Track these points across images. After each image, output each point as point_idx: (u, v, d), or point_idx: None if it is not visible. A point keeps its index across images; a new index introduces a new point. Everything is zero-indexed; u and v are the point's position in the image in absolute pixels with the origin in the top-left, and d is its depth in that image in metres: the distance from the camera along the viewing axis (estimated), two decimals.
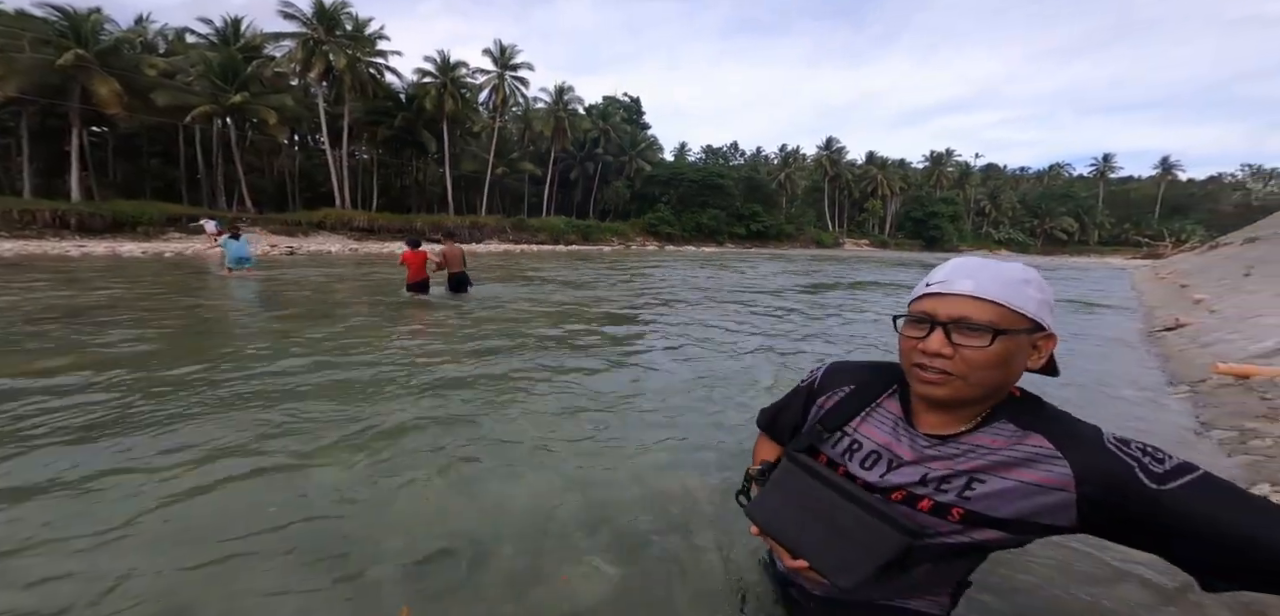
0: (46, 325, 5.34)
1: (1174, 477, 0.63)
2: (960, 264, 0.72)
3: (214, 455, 2.46)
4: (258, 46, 28.28)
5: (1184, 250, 31.46)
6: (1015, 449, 0.70)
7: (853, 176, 62.29)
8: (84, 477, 2.22)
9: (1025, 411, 0.73)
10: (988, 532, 0.71)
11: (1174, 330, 6.49)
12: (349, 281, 10.54)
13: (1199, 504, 0.60)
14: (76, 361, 3.94)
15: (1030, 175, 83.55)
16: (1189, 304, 8.72)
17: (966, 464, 0.72)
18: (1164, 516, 0.61)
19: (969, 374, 0.68)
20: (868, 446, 0.80)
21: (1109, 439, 0.68)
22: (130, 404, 3.09)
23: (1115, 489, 0.64)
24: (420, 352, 4.56)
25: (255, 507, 2.03)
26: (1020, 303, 0.68)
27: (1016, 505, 0.68)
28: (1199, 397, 3.68)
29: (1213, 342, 5.25)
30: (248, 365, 3.98)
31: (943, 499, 0.72)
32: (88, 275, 10.76)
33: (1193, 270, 15.14)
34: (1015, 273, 0.70)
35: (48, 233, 19.76)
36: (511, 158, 39.05)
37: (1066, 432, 0.69)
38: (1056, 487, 0.67)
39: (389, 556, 1.73)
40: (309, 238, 25.58)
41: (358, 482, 2.24)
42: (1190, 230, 54.92)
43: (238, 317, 6.35)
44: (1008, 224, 68.87)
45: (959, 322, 0.68)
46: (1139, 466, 0.64)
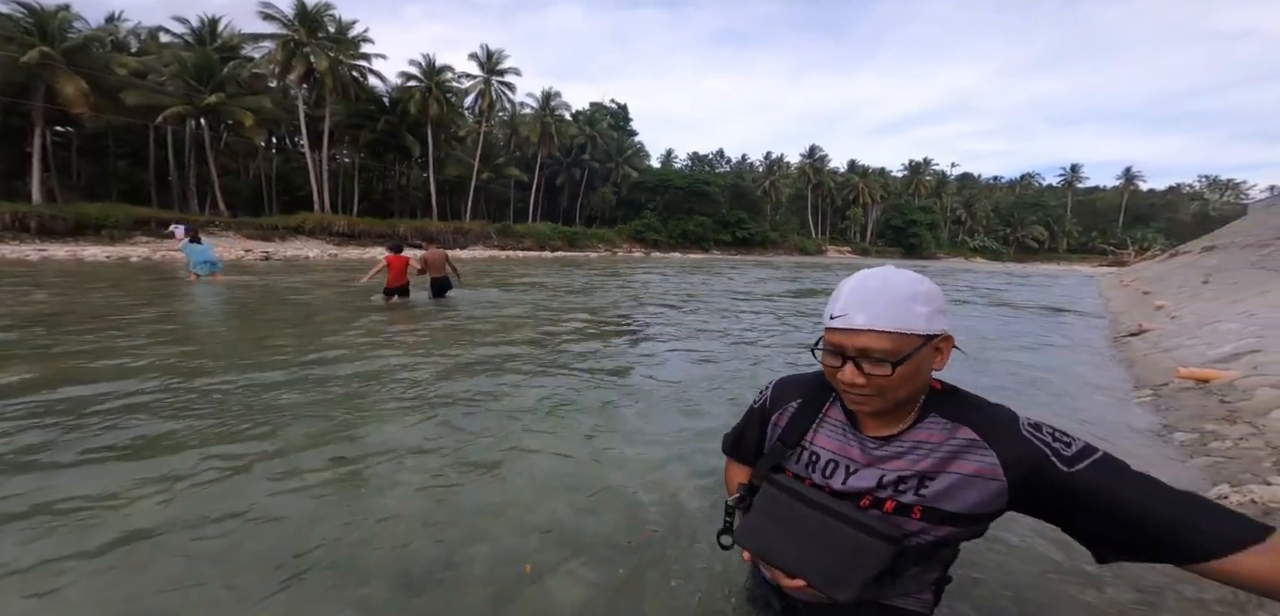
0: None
1: (1080, 460, 0.70)
2: (854, 294, 0.76)
3: (182, 466, 2.38)
4: (235, 47, 27.60)
5: (1146, 258, 32.91)
6: (951, 442, 0.76)
7: (835, 184, 63.58)
8: (42, 501, 2.12)
9: (950, 403, 0.80)
10: (948, 528, 0.77)
11: (1138, 335, 6.78)
12: (326, 287, 10.29)
13: (1102, 483, 0.67)
14: (37, 374, 3.76)
15: (1003, 184, 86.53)
16: (1151, 310, 9.12)
17: (914, 463, 0.78)
18: (1073, 495, 0.69)
19: (883, 392, 0.75)
20: (825, 456, 0.85)
21: (1024, 426, 0.75)
22: (82, 423, 2.96)
23: (1033, 472, 0.71)
24: (402, 359, 4.48)
25: (230, 520, 1.96)
26: (911, 324, 0.73)
27: (964, 498, 0.75)
28: (1162, 401, 3.85)
29: (1174, 347, 5.50)
30: (216, 374, 3.85)
31: (903, 500, 0.78)
32: (50, 280, 10.28)
33: (1155, 277, 15.84)
34: (903, 292, 0.74)
35: (6, 236, 18.85)
36: (497, 163, 38.79)
37: (989, 422, 0.77)
38: (990, 477, 0.74)
39: (370, 565, 1.70)
40: (286, 242, 24.93)
41: (338, 491, 2.19)
42: (1152, 238, 57.53)
43: (202, 325, 6.15)
44: (982, 232, 71.13)
45: (864, 354, 0.74)
46: (1050, 450, 0.71)
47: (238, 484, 2.28)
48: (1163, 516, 0.64)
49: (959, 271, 31.29)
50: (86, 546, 1.80)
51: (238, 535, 1.90)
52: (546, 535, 1.93)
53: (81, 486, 2.21)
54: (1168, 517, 0.63)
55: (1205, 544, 0.61)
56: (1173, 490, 0.66)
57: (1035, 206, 72.79)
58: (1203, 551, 0.61)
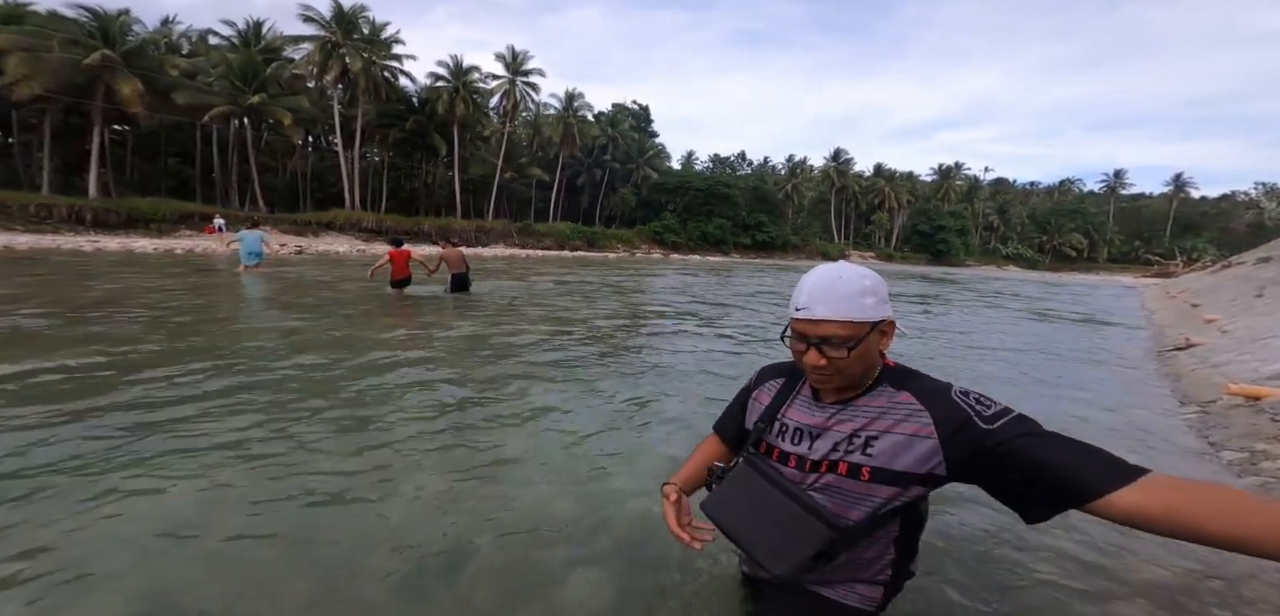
0: (53, 318, 5.45)
1: (998, 419, 0.79)
2: (814, 288, 0.87)
3: (206, 451, 2.51)
4: (277, 48, 28.81)
5: (1195, 269, 31.07)
6: (894, 407, 0.88)
7: (860, 188, 62.07)
8: (70, 466, 2.27)
9: (898, 377, 0.92)
10: (892, 488, 0.86)
11: (1184, 350, 6.42)
12: (353, 281, 10.67)
13: (1014, 438, 0.75)
14: (77, 356, 4.02)
15: (1040, 190, 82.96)
16: (1200, 324, 8.62)
17: (861, 421, 0.89)
18: (992, 452, 0.77)
19: (842, 370, 0.87)
20: (793, 426, 0.96)
21: (955, 391, 0.85)
22: (128, 399, 3.15)
23: (960, 430, 0.80)
24: (421, 354, 4.61)
25: (249, 505, 2.05)
26: (861, 314, 0.85)
27: (905, 457, 0.84)
28: (1209, 418, 3.65)
29: (1224, 363, 5.20)
30: (248, 362, 4.04)
31: (853, 459, 0.88)
32: (105, 269, 10.96)
33: (1204, 290, 14.96)
34: (853, 287, 0.86)
35: (63, 228, 20.13)
36: (520, 163, 39.36)
37: (926, 389, 0.88)
38: (926, 436, 0.83)
39: (383, 559, 1.74)
40: (318, 237, 25.88)
41: (353, 483, 2.26)
42: (1202, 249, 54.20)
43: (244, 315, 6.45)
44: (1016, 239, 68.29)
45: (825, 340, 0.86)
46: (973, 412, 0.81)
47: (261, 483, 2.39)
48: (1060, 464, 0.71)
49: (985, 279, 30.16)
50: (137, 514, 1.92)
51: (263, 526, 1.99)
52: (557, 532, 1.96)
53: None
54: (1064, 464, 0.71)
55: (1092, 485, 0.69)
56: (1074, 442, 0.74)
57: (1074, 213, 69.43)
58: (1089, 492, 0.69)
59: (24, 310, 5.72)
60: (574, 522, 1.99)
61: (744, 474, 0.95)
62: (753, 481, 0.93)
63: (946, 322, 9.17)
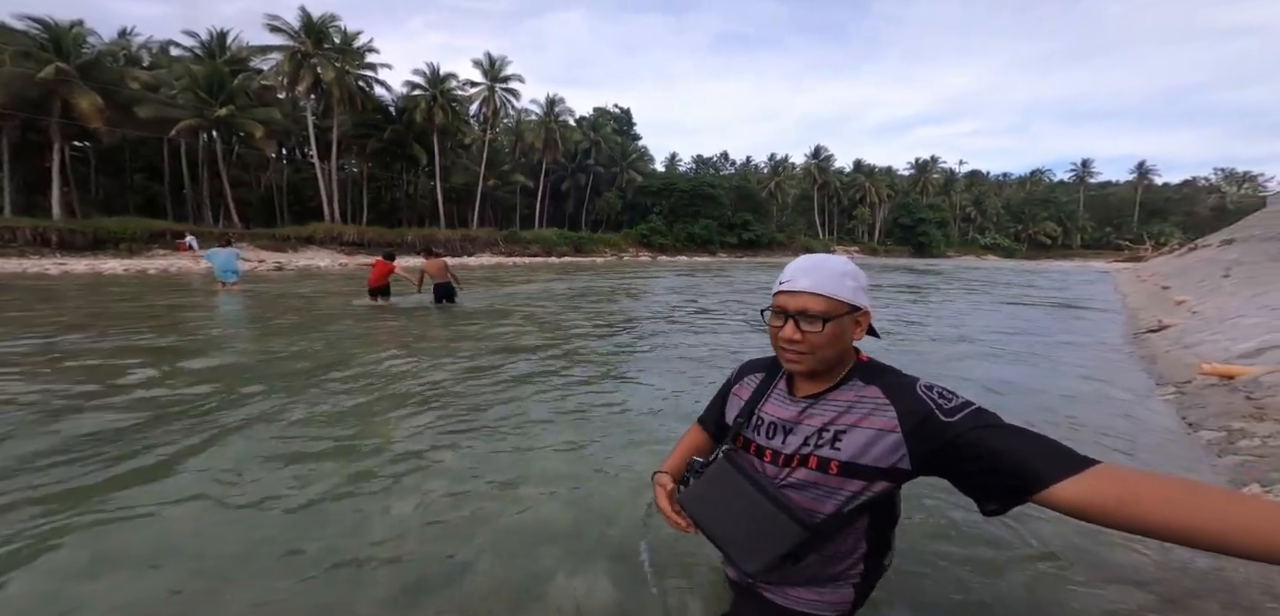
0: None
1: (958, 412, 0.80)
2: (800, 265, 0.91)
3: (197, 466, 2.39)
4: (244, 60, 28.10)
5: (1163, 253, 32.25)
6: (862, 401, 0.88)
7: (841, 184, 63.12)
8: (66, 499, 2.14)
9: (868, 372, 0.92)
10: (860, 482, 0.86)
11: (1157, 332, 6.62)
12: (336, 296, 10.40)
13: (971, 431, 0.76)
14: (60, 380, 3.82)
15: (1013, 181, 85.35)
16: (1171, 306, 8.91)
17: (831, 415, 0.90)
18: (952, 444, 0.77)
19: (815, 350, 0.88)
20: (768, 420, 0.97)
21: (920, 386, 0.86)
22: (116, 425, 2.99)
23: (922, 424, 0.81)
24: (411, 366, 4.49)
25: (241, 522, 1.96)
26: (840, 293, 0.87)
27: (873, 451, 0.85)
28: (1186, 398, 3.74)
29: (1196, 343, 5.35)
30: (233, 379, 3.88)
31: (822, 453, 0.88)
32: (72, 294, 10.50)
33: (1173, 272, 15.50)
34: (837, 268, 0.89)
35: (28, 251, 19.29)
36: (503, 170, 39.05)
37: (893, 383, 0.88)
38: (890, 430, 0.84)
39: (378, 570, 1.69)
40: (298, 253, 25.26)
41: (348, 495, 2.18)
42: (1169, 233, 56.30)
43: (224, 334, 6.23)
44: (993, 229, 70.17)
45: (802, 313, 0.87)
46: (934, 406, 0.81)
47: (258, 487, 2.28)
48: (1011, 453, 0.72)
49: (968, 269, 30.89)
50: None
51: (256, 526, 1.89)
52: (554, 537, 1.90)
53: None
54: (1015, 454, 0.72)
55: (1039, 474, 0.69)
56: (1027, 433, 0.75)
57: (1047, 202, 71.69)
58: (1038, 481, 0.69)
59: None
60: (570, 527, 1.95)
61: (720, 469, 0.95)
62: (728, 477, 0.93)
63: (931, 311, 9.32)
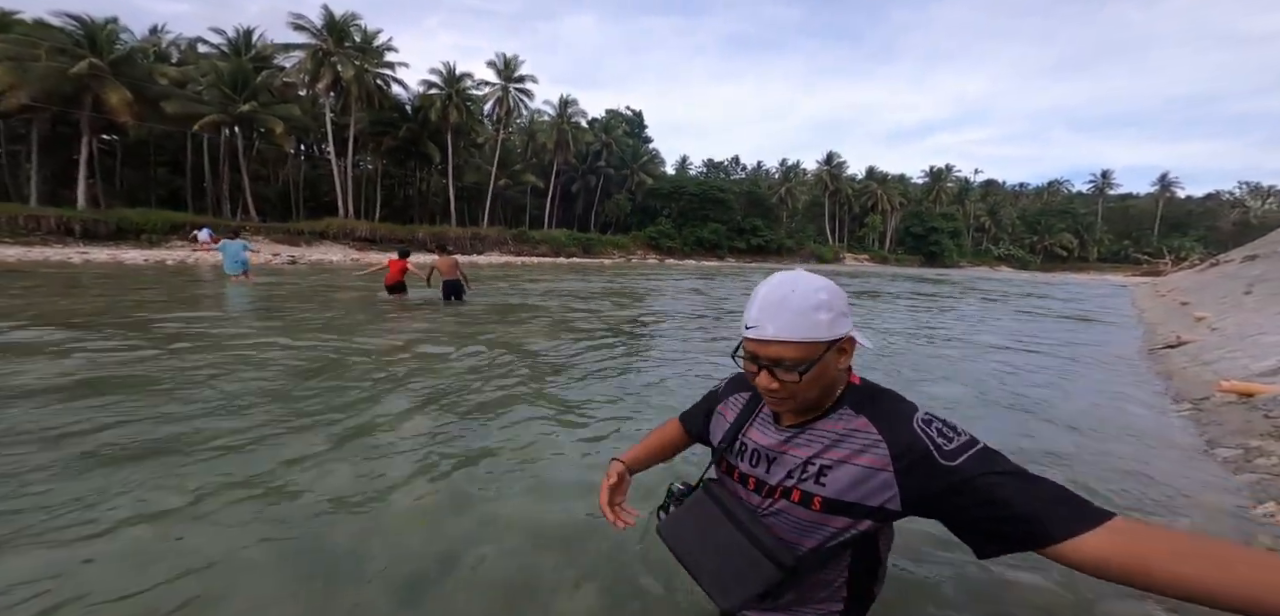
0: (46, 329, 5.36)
1: (961, 453, 0.72)
2: (765, 302, 0.80)
3: (199, 463, 2.46)
4: (268, 57, 28.67)
5: (1183, 268, 31.51)
6: (851, 434, 0.81)
7: (853, 191, 62.55)
8: (67, 498, 2.22)
9: (859, 398, 0.84)
10: (844, 519, 0.80)
11: (1176, 348, 6.49)
12: (347, 290, 10.57)
13: (978, 475, 0.70)
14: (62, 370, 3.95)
15: (1029, 191, 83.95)
16: (1190, 321, 8.73)
17: (817, 448, 0.83)
18: (956, 488, 0.71)
19: (795, 394, 0.80)
20: (752, 447, 0.90)
21: (918, 420, 0.78)
22: (122, 414, 3.09)
23: (918, 464, 0.74)
24: (416, 366, 4.56)
25: (247, 517, 2.02)
26: (814, 332, 0.77)
27: (860, 490, 0.78)
28: (1203, 415, 3.68)
29: (1215, 360, 5.25)
30: (237, 374, 3.98)
31: (806, 488, 0.82)
32: (91, 281, 10.80)
33: (1193, 288, 15.16)
34: (807, 302, 0.78)
35: (52, 239, 19.86)
36: (514, 169, 39.34)
37: (886, 415, 0.80)
38: (880, 468, 0.77)
39: (378, 569, 1.72)
40: (311, 247, 25.70)
41: (350, 494, 2.23)
42: (1189, 247, 55.04)
43: (231, 327, 6.37)
44: (1007, 240, 69.03)
45: (776, 362, 0.79)
46: (934, 446, 0.74)
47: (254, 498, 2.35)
48: (1025, 504, 0.67)
49: (981, 280, 30.44)
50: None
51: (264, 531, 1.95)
52: (551, 542, 1.93)
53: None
54: (1029, 505, 0.66)
55: (1053, 529, 0.64)
56: (1039, 481, 0.69)
57: (1064, 214, 70.37)
58: (1050, 536, 0.64)
59: (8, 323, 5.61)
60: (568, 531, 1.97)
61: (700, 502, 0.92)
62: (708, 510, 0.89)
63: (942, 322, 9.22)
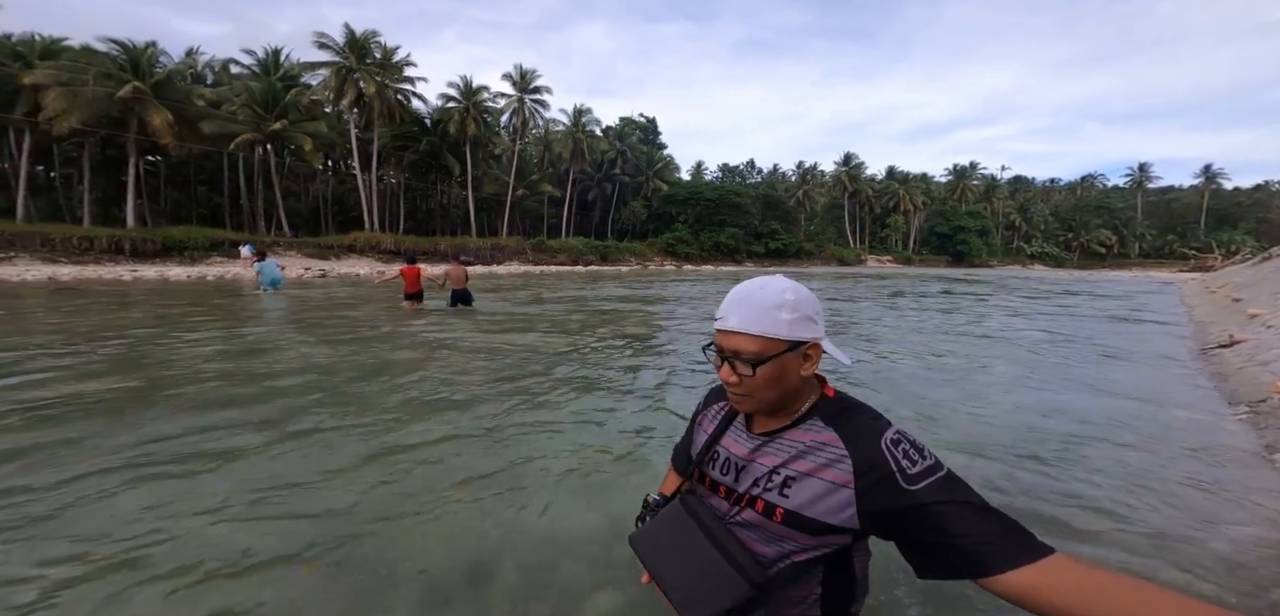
0: (104, 338, 5.65)
1: (924, 477, 0.71)
2: (733, 298, 0.81)
3: (232, 471, 2.54)
4: (295, 76, 29.88)
5: (1234, 262, 29.69)
6: (819, 446, 0.79)
7: (873, 192, 61.22)
8: (85, 499, 2.31)
9: (831, 411, 0.82)
10: (806, 536, 0.78)
11: (1229, 347, 6.09)
12: (371, 302, 10.86)
13: (935, 503, 0.70)
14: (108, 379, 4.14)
15: (1061, 187, 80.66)
16: (1243, 319, 8.19)
17: (783, 457, 0.81)
18: (911, 512, 0.71)
19: (753, 393, 0.80)
20: (724, 454, 0.90)
21: (887, 439, 0.75)
22: (153, 419, 3.22)
23: (879, 484, 0.73)
24: (440, 375, 4.63)
25: (274, 521, 2.07)
26: (774, 329, 0.77)
27: (821, 505, 0.76)
28: (1261, 418, 3.42)
29: (1272, 360, 4.90)
30: (269, 384, 4.11)
31: (769, 498, 0.81)
32: (141, 297, 11.39)
33: (1245, 283, 14.25)
34: (771, 300, 0.78)
35: (104, 258, 21.06)
36: (531, 179, 39.93)
37: (855, 431, 0.78)
38: (843, 484, 0.75)
39: (410, 576, 1.74)
40: (340, 260, 26.55)
41: (375, 500, 2.26)
42: (1239, 241, 51.84)
43: (266, 338, 6.61)
44: (1040, 237, 66.35)
45: (736, 354, 0.79)
46: (897, 467, 0.73)
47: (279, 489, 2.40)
48: (972, 537, 0.67)
49: (1013, 279, 29.30)
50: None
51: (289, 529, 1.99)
52: (577, 549, 1.91)
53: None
54: (975, 539, 0.67)
55: (993, 562, 0.65)
56: (988, 514, 0.69)
57: (1100, 209, 67.25)
58: (990, 569, 0.65)
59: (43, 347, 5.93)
60: (592, 539, 1.96)
61: (674, 512, 0.89)
62: (681, 521, 0.87)
63: (984, 325, 8.89)
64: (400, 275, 8.99)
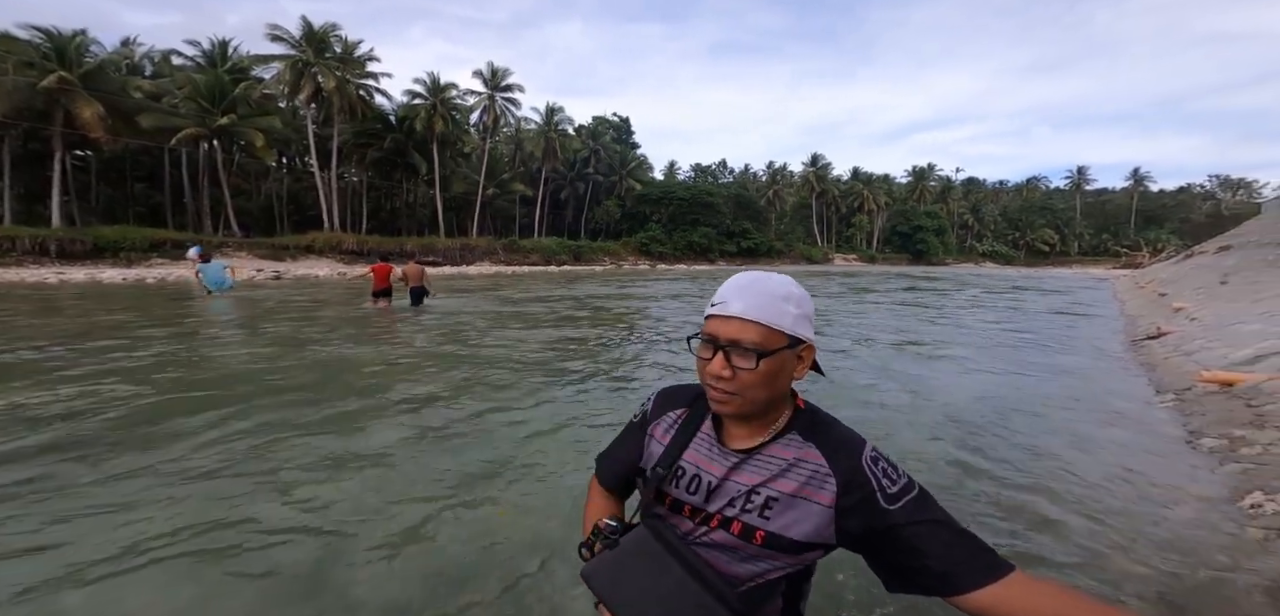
0: (43, 348, 5.16)
1: (901, 497, 0.72)
2: (736, 284, 0.77)
3: (185, 481, 2.37)
4: (246, 68, 28.18)
5: (1160, 259, 32.40)
6: (802, 463, 0.76)
7: (839, 192, 63.38)
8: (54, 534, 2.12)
9: (808, 424, 0.79)
10: (787, 557, 0.76)
11: (1156, 338, 6.63)
12: (332, 305, 10.39)
13: (910, 522, 0.70)
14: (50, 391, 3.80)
15: (1010, 188, 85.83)
16: (1169, 312, 8.93)
17: (764, 476, 0.77)
18: (888, 531, 0.71)
19: (743, 391, 0.74)
20: (690, 471, 0.82)
21: (867, 456, 0.75)
22: (99, 433, 2.97)
23: (860, 504, 0.72)
24: (407, 380, 4.48)
25: (235, 536, 1.95)
26: (779, 321, 0.73)
27: (804, 526, 0.74)
28: (1186, 406, 3.74)
29: (1195, 350, 5.36)
30: (222, 391, 3.86)
31: (749, 520, 0.76)
32: (68, 302, 10.47)
33: (1171, 279, 15.55)
34: (777, 290, 0.75)
35: (27, 260, 19.28)
36: (502, 178, 39.17)
37: (837, 446, 0.76)
38: (826, 504, 0.74)
39: (371, 582, 1.68)
40: (296, 262, 25.27)
41: (345, 507, 2.17)
42: (1165, 239, 56.55)
43: (215, 344, 6.21)
44: (991, 237, 70.42)
45: (735, 343, 0.73)
46: (878, 486, 0.72)
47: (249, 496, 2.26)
48: (940, 558, 0.68)
49: (968, 277, 30.97)
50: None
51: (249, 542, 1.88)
52: (552, 552, 1.89)
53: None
54: (943, 559, 0.68)
55: (960, 582, 0.67)
56: (956, 533, 0.70)
57: (1044, 210, 72.05)
58: (958, 587, 0.67)
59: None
60: (568, 543, 1.93)
61: (641, 539, 0.80)
62: (650, 549, 0.79)
63: (933, 319, 9.32)
64: (370, 273, 9.60)
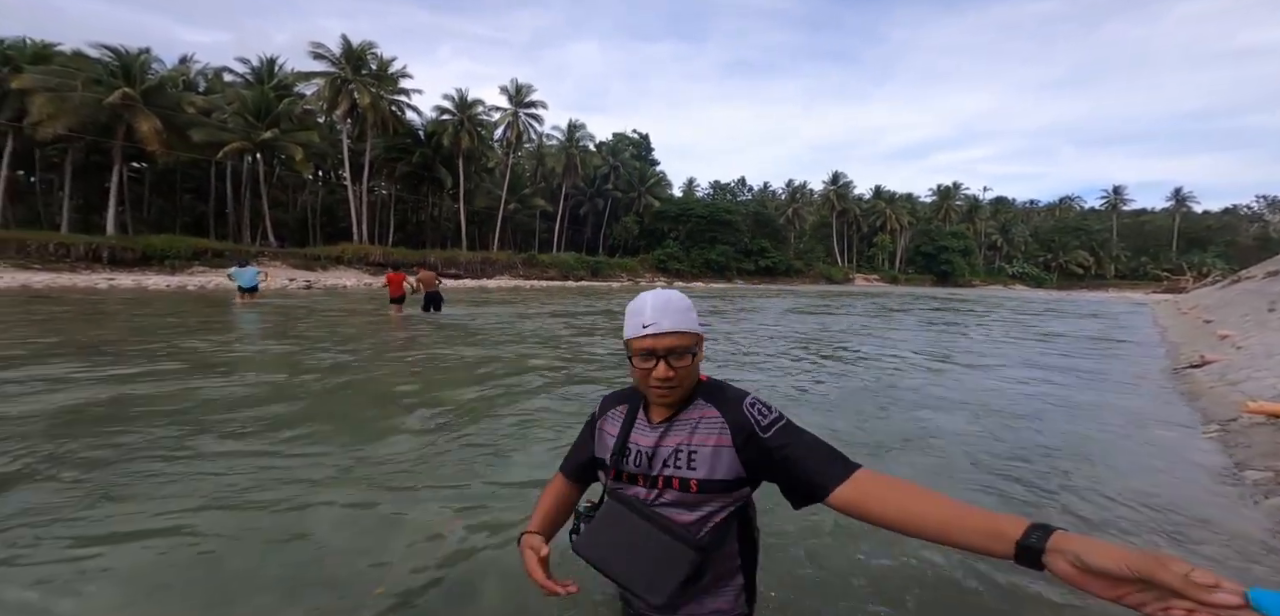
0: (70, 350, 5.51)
1: (772, 426, 0.91)
2: (656, 306, 0.96)
3: (198, 481, 2.51)
4: (289, 85, 29.75)
5: (1205, 284, 30.78)
6: (706, 420, 0.97)
7: (860, 211, 62.46)
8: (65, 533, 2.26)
9: (708, 391, 1.01)
10: (720, 497, 0.94)
11: (1200, 367, 6.32)
12: (358, 314, 10.76)
13: (780, 442, 0.90)
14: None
15: (1040, 208, 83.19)
16: (1214, 340, 8.51)
17: (683, 436, 0.97)
18: (769, 453, 0.90)
19: (683, 383, 0.96)
20: (635, 449, 1.01)
21: (746, 403, 0.95)
22: (114, 430, 3.16)
23: (748, 439, 0.92)
24: (419, 386, 4.61)
25: (248, 537, 2.04)
26: (691, 325, 0.97)
27: (720, 468, 0.93)
28: (1230, 437, 3.57)
29: (1241, 380, 5.10)
30: (243, 395, 4.05)
31: (681, 474, 0.95)
32: (116, 307, 11.10)
33: (1215, 304, 14.78)
34: (683, 304, 0.98)
35: (81, 266, 20.55)
36: (523, 193, 40.05)
37: (726, 402, 0.97)
38: (727, 445, 0.93)
39: (386, 593, 1.73)
40: (327, 272, 26.23)
41: (353, 516, 2.24)
42: (1210, 263, 53.79)
43: (241, 349, 6.50)
44: (1021, 258, 68.12)
45: (672, 351, 0.94)
46: (755, 422, 0.92)
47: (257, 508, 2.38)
48: (805, 464, 0.86)
49: (998, 298, 29.98)
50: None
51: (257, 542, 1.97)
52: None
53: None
54: (807, 465, 0.86)
55: (824, 483, 0.83)
56: (815, 444, 0.88)
57: (1077, 231, 69.44)
58: (823, 489, 0.83)
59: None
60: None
61: (611, 509, 0.99)
62: (620, 515, 0.97)
63: (965, 345, 9.09)
64: (387, 281, 10.24)
